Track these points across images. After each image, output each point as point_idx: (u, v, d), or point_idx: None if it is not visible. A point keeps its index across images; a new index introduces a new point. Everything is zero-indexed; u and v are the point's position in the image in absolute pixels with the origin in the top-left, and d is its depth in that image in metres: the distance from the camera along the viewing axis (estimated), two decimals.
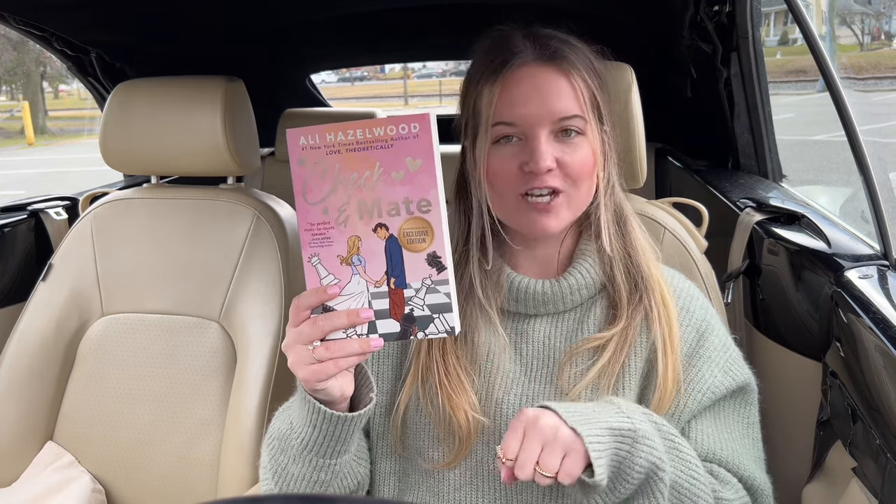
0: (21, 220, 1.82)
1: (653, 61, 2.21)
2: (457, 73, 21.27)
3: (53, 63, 14.95)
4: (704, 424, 0.91)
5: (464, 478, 0.92)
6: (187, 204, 1.54)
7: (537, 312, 0.94)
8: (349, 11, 2.37)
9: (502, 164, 0.89)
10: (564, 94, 0.87)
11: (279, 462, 0.86)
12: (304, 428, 0.81)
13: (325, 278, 0.76)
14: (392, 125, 0.73)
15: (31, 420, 1.45)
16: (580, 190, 0.89)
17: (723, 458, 0.89)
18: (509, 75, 0.89)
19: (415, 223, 0.74)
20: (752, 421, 0.95)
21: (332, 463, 0.83)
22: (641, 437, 0.79)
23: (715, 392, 0.91)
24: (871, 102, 8.66)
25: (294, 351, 0.76)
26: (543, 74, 0.88)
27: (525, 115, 0.87)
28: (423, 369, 0.92)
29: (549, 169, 0.86)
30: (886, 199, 1.13)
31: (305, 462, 0.83)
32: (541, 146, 0.86)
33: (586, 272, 0.93)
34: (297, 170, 0.75)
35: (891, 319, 0.94)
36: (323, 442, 0.81)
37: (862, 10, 10.86)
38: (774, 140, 1.89)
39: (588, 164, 0.88)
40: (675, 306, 0.93)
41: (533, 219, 0.89)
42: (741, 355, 0.97)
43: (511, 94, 0.88)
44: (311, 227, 0.76)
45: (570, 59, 0.89)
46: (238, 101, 1.49)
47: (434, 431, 0.92)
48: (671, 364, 0.89)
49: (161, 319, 1.47)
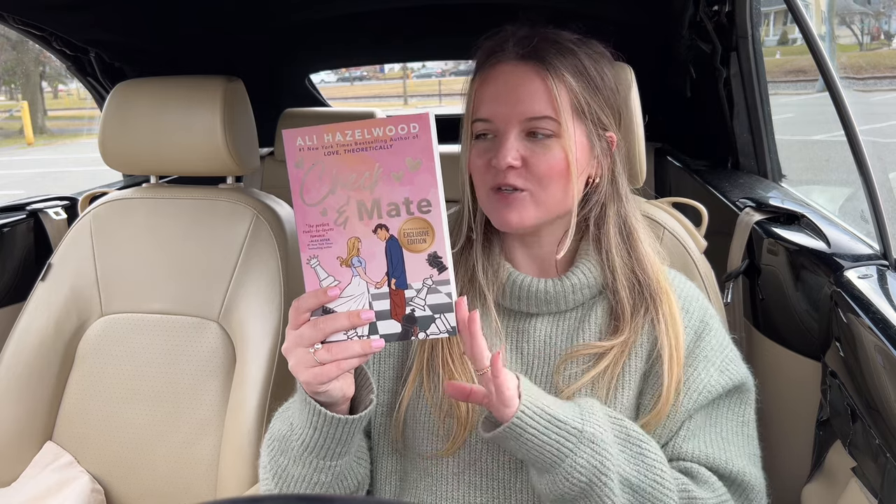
0: (20, 220, 1.82)
1: (652, 61, 2.21)
2: (456, 73, 21.28)
3: (53, 63, 14.95)
4: (696, 423, 0.91)
5: (461, 476, 0.92)
6: (186, 204, 1.54)
7: (538, 311, 0.95)
8: (349, 11, 2.37)
9: (476, 158, 0.91)
10: (537, 94, 0.87)
11: (279, 463, 0.86)
12: (304, 430, 0.81)
13: (325, 280, 0.76)
14: (391, 125, 0.72)
15: (30, 420, 1.45)
16: (549, 192, 0.89)
17: (709, 454, 0.89)
18: (488, 72, 0.90)
19: (415, 223, 0.73)
20: (748, 419, 0.95)
21: (333, 464, 0.83)
22: (587, 439, 0.80)
23: (711, 391, 0.91)
24: (870, 102, 8.66)
25: (295, 354, 0.76)
26: (519, 73, 0.88)
27: (498, 113, 0.88)
28: (429, 351, 0.93)
29: (512, 166, 0.87)
30: (886, 199, 1.13)
31: (306, 464, 0.83)
32: (506, 143, 0.87)
33: (588, 272, 0.93)
34: (294, 171, 0.75)
35: (890, 319, 0.94)
36: (324, 444, 0.81)
37: (861, 9, 10.87)
38: (774, 140, 1.89)
39: (557, 166, 0.88)
40: None
41: (497, 209, 0.90)
42: (738, 355, 0.97)
43: (487, 91, 0.90)
44: (309, 228, 0.75)
45: (550, 59, 0.88)
46: (237, 100, 1.48)
47: (434, 425, 0.92)
48: (676, 375, 0.89)
49: (160, 319, 1.47)
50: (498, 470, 0.91)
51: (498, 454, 0.91)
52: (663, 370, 0.89)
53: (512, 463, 0.91)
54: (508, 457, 0.91)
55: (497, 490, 0.91)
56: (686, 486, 0.86)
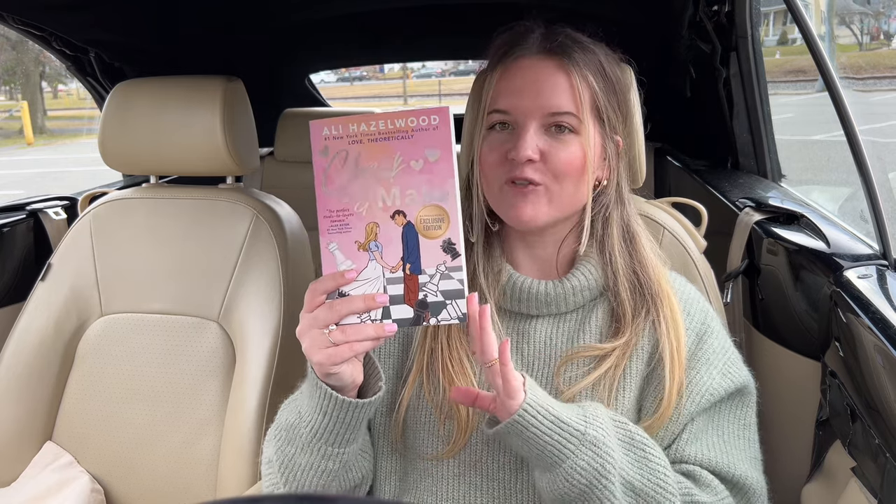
0: (20, 220, 1.82)
1: (652, 61, 2.21)
2: (456, 73, 21.28)
3: (52, 63, 14.93)
4: (698, 426, 0.91)
5: (462, 477, 0.92)
6: (186, 204, 1.54)
7: (539, 313, 0.94)
8: (348, 11, 2.37)
9: (491, 150, 0.90)
10: (560, 89, 0.87)
11: (286, 453, 0.86)
12: (314, 415, 0.82)
13: (343, 264, 0.78)
14: (413, 117, 0.76)
15: (29, 420, 1.45)
16: (563, 187, 0.89)
17: (712, 458, 0.89)
18: (511, 64, 0.90)
19: (432, 210, 0.76)
20: (749, 422, 0.95)
21: (341, 452, 0.84)
22: (589, 442, 0.80)
23: (713, 395, 0.91)
24: (870, 102, 8.65)
25: (309, 335, 0.77)
26: (543, 68, 0.88)
27: (518, 105, 0.88)
28: (428, 354, 0.93)
29: (531, 160, 0.87)
30: (885, 199, 1.13)
31: (314, 451, 0.83)
32: (526, 136, 0.87)
33: (589, 274, 0.93)
34: (318, 160, 0.78)
35: (890, 319, 0.94)
36: (333, 429, 0.82)
37: (861, 9, 10.86)
38: (773, 140, 1.89)
39: (575, 162, 0.88)
40: None
41: (512, 204, 0.89)
42: (740, 357, 0.97)
43: (509, 83, 0.89)
44: (330, 213, 0.78)
45: (575, 56, 0.88)
46: (237, 100, 1.48)
47: (434, 427, 0.92)
48: (678, 378, 0.89)
49: (160, 319, 1.47)
50: (498, 471, 0.91)
51: (499, 455, 0.91)
52: (665, 373, 0.89)
53: (513, 464, 0.91)
54: (509, 457, 0.91)
55: (497, 491, 0.91)
56: (689, 490, 0.86)
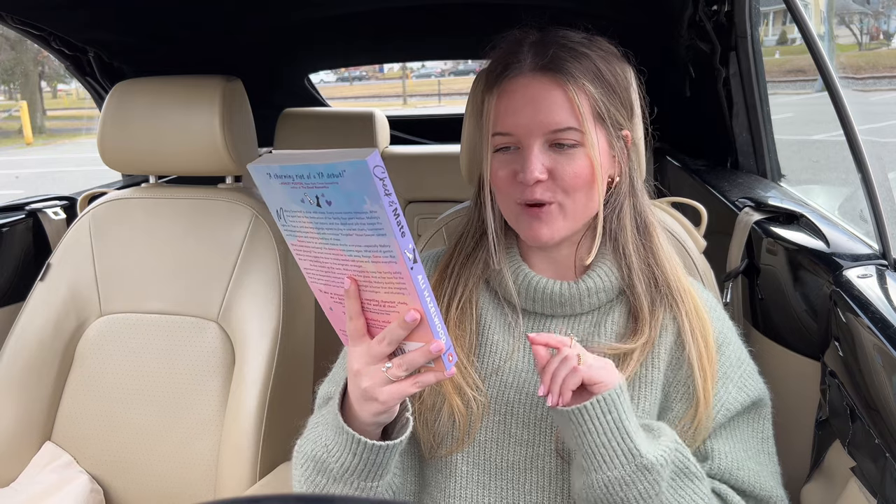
0: (19, 220, 1.82)
1: (651, 61, 2.21)
2: (456, 73, 21.28)
3: (51, 62, 14.94)
4: (721, 443, 0.91)
5: (471, 476, 0.92)
6: (185, 204, 1.54)
7: (554, 313, 0.94)
8: (348, 11, 2.37)
9: (499, 169, 0.90)
10: (558, 105, 0.86)
11: (317, 482, 0.83)
12: (343, 454, 0.80)
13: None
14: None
15: (29, 420, 1.45)
16: (576, 200, 0.88)
17: (740, 477, 0.89)
18: (506, 85, 0.89)
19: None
20: (767, 435, 0.95)
21: (375, 485, 0.82)
22: (644, 468, 0.79)
23: (730, 409, 0.90)
24: (869, 102, 8.65)
25: (368, 373, 0.74)
26: (538, 85, 0.87)
27: (518, 126, 0.87)
28: None
29: (539, 180, 0.86)
30: (885, 199, 1.13)
31: (347, 484, 0.81)
32: (531, 157, 0.86)
33: (605, 275, 0.93)
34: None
35: (889, 319, 0.93)
36: (364, 468, 0.80)
37: (860, 9, 10.86)
38: (773, 139, 1.89)
39: (583, 175, 0.87)
40: None
41: (528, 225, 0.89)
42: (755, 368, 0.96)
43: (506, 104, 0.88)
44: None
45: (569, 68, 0.87)
46: (236, 100, 1.48)
47: (436, 428, 0.92)
48: (710, 381, 0.89)
49: (159, 319, 1.47)
50: (507, 469, 0.91)
51: (507, 453, 0.91)
52: (694, 378, 0.89)
53: (522, 462, 0.90)
54: (518, 456, 0.90)
55: (507, 490, 0.91)
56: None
